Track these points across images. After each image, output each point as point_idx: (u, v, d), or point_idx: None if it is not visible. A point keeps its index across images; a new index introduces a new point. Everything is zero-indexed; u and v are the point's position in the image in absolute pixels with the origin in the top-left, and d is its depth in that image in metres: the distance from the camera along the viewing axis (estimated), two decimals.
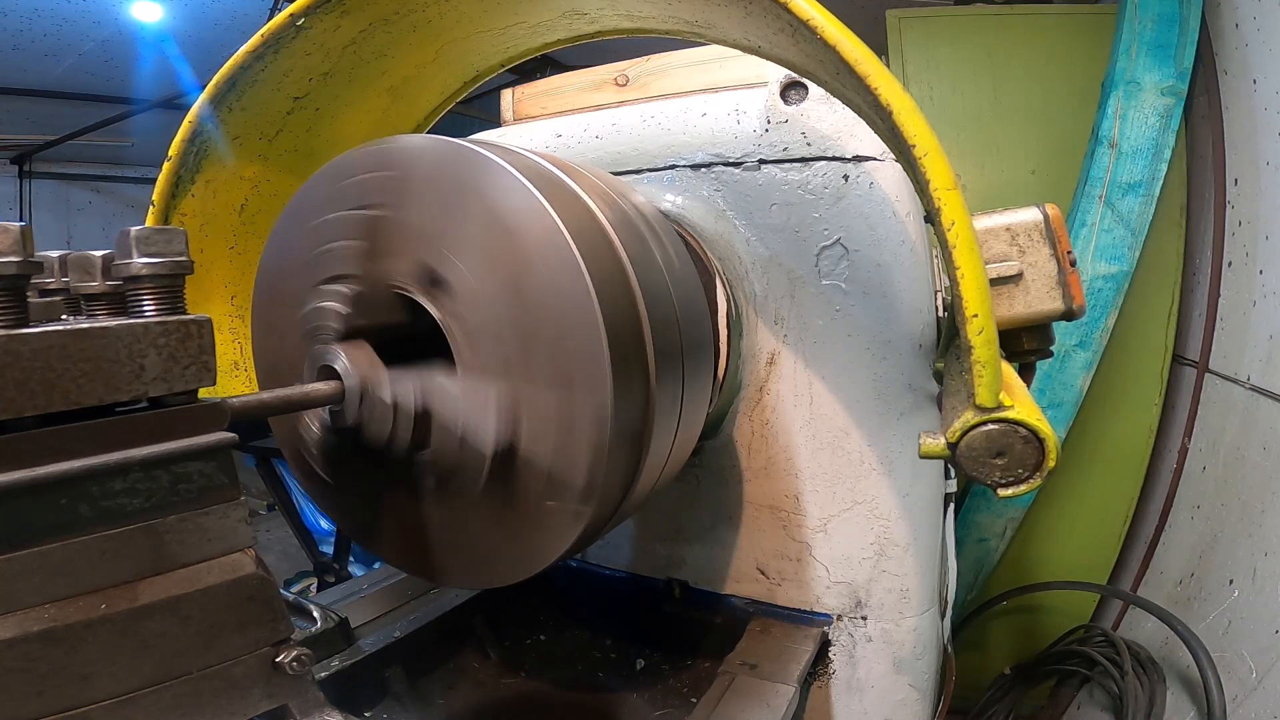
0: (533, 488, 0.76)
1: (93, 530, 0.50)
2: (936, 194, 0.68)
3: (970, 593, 2.92)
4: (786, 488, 1.27)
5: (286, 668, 0.58)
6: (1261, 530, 2.10)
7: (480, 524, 0.80)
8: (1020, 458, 0.66)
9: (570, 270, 0.69)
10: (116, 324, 0.52)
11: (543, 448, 0.75)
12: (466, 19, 1.00)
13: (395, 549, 0.89)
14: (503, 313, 0.73)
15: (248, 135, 1.04)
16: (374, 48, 1.01)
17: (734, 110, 1.26)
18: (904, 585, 1.25)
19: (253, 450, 3.61)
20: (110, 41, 5.47)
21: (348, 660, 1.18)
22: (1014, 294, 0.90)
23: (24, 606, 0.47)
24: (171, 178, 0.99)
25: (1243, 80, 2.36)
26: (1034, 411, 0.67)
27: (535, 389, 0.73)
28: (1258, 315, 2.27)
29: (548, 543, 0.78)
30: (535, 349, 0.73)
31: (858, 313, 1.20)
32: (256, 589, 0.57)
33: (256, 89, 0.98)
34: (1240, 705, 1.98)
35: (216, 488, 0.56)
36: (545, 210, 0.70)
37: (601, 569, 1.50)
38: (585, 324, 0.69)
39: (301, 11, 0.89)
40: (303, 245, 0.83)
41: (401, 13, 0.95)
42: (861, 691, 1.30)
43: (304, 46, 0.96)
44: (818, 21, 0.68)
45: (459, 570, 0.85)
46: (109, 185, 7.59)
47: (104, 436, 0.51)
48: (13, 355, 0.47)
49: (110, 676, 0.50)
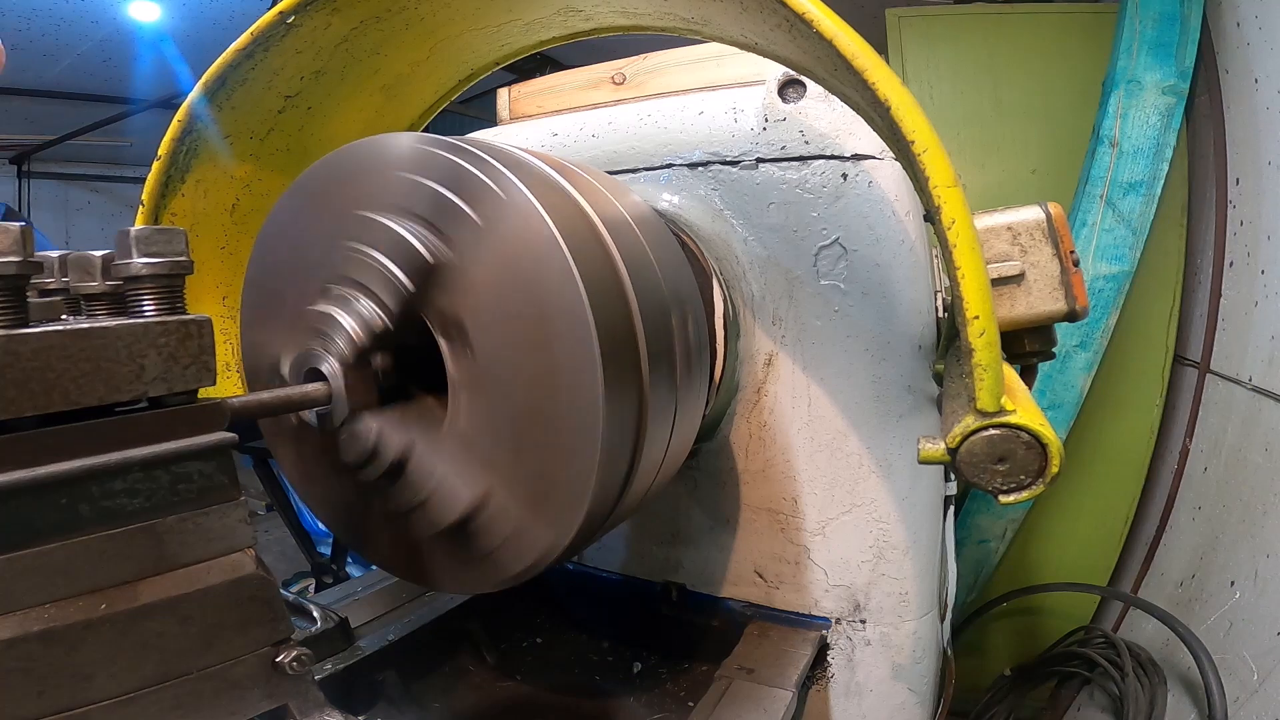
0: (495, 537, 0.76)
1: (93, 530, 0.50)
2: (936, 192, 0.66)
3: (970, 594, 2.92)
4: (784, 490, 1.26)
5: (287, 668, 0.58)
6: (1263, 532, 2.09)
7: (448, 549, 0.79)
8: (1023, 463, 0.65)
9: (574, 304, 0.67)
10: (116, 324, 0.52)
11: (511, 514, 0.74)
12: (460, 16, 0.99)
13: (380, 553, 0.88)
14: (508, 401, 0.70)
15: (239, 134, 1.02)
16: (366, 45, 1.00)
17: (731, 108, 1.25)
18: (903, 589, 1.23)
19: (250, 451, 3.59)
20: (108, 41, 5.47)
21: (341, 664, 1.17)
22: (1015, 294, 0.88)
23: (24, 606, 0.47)
24: (161, 177, 0.97)
25: (1244, 79, 2.36)
26: (1037, 416, 0.65)
27: (517, 463, 0.72)
28: (1260, 316, 2.26)
29: (516, 565, 0.77)
30: (527, 429, 0.70)
31: (857, 313, 1.19)
32: (257, 589, 0.57)
33: (247, 87, 0.96)
34: (1241, 707, 1.97)
35: (217, 488, 0.56)
36: (579, 291, 0.66)
37: (598, 572, 1.49)
38: (580, 334, 0.68)
39: (292, 9, 0.88)
40: (328, 227, 0.76)
41: (394, 10, 0.94)
42: (860, 696, 1.29)
43: (295, 44, 0.94)
44: (813, 15, 0.66)
45: (443, 577, 0.84)
46: (107, 185, 7.60)
47: (104, 437, 0.51)
48: (12, 355, 0.47)
49: (110, 676, 0.50)
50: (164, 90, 6.02)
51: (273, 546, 5.28)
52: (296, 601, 1.27)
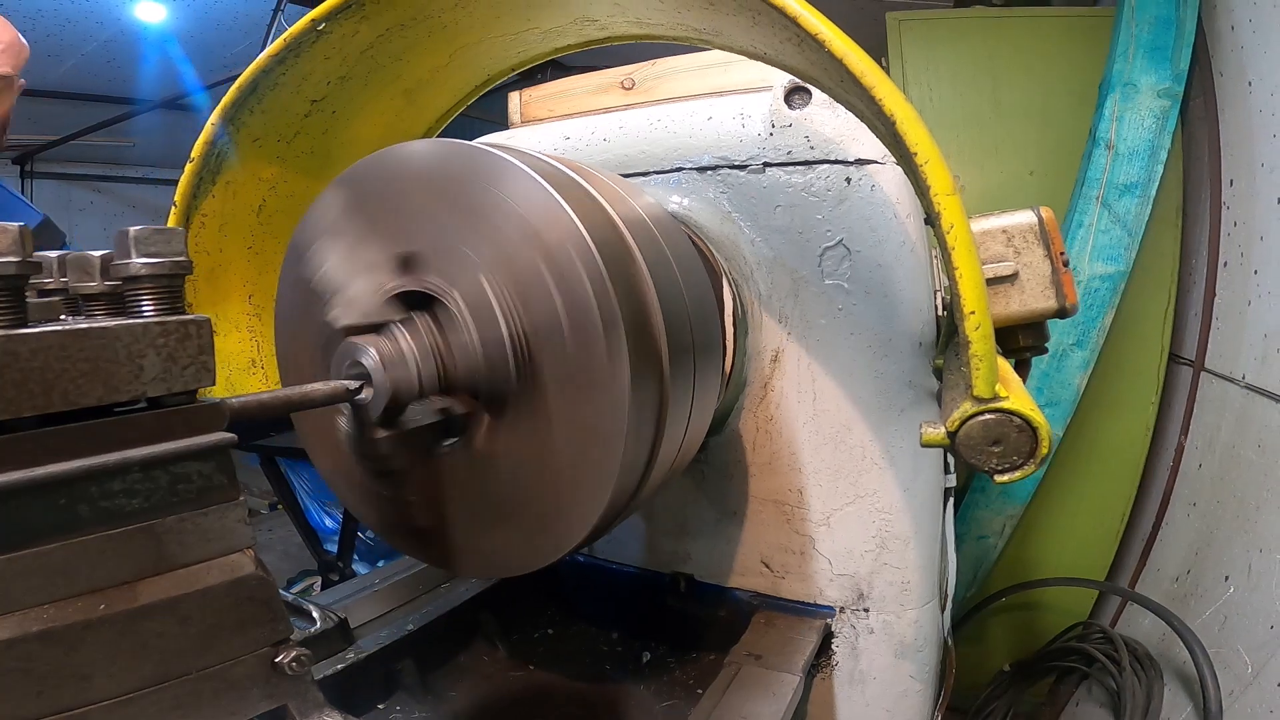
0: (520, 529, 0.81)
1: (92, 531, 0.50)
2: (937, 199, 0.71)
3: (970, 589, 2.94)
4: (790, 482, 1.30)
5: (286, 668, 0.58)
6: (1256, 527, 2.12)
7: (472, 537, 0.83)
8: (1015, 445, 0.70)
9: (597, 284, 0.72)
10: (115, 324, 0.51)
11: (535, 507, 0.79)
12: (481, 24, 1.03)
13: (404, 539, 0.91)
14: (541, 406, 0.76)
15: (267, 137, 1.06)
16: (390, 52, 1.04)
17: (739, 114, 1.29)
18: (905, 578, 1.27)
19: (258, 449, 3.62)
20: (113, 42, 5.48)
21: (362, 654, 1.20)
22: (1010, 293, 0.94)
23: (23, 607, 0.47)
24: (193, 179, 1.01)
25: (1238, 82, 2.39)
26: (1028, 402, 0.71)
27: (546, 461, 0.77)
28: (1253, 315, 2.29)
29: (555, 543, 0.82)
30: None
31: (860, 312, 1.23)
32: (256, 589, 0.57)
33: (277, 92, 1.00)
34: (1236, 700, 1.99)
35: (216, 488, 0.56)
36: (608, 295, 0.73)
37: (609, 564, 1.52)
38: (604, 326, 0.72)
39: (323, 16, 0.92)
40: (371, 220, 0.82)
41: (419, 18, 0.98)
42: (864, 683, 1.32)
43: (323, 50, 0.98)
44: (825, 36, 0.70)
45: (467, 563, 0.88)
46: (110, 185, 7.60)
47: (103, 437, 0.51)
48: (11, 355, 0.46)
49: (109, 677, 0.50)
50: (168, 91, 6.05)
51: (276, 545, 5.29)
52: (295, 602, 1.28)
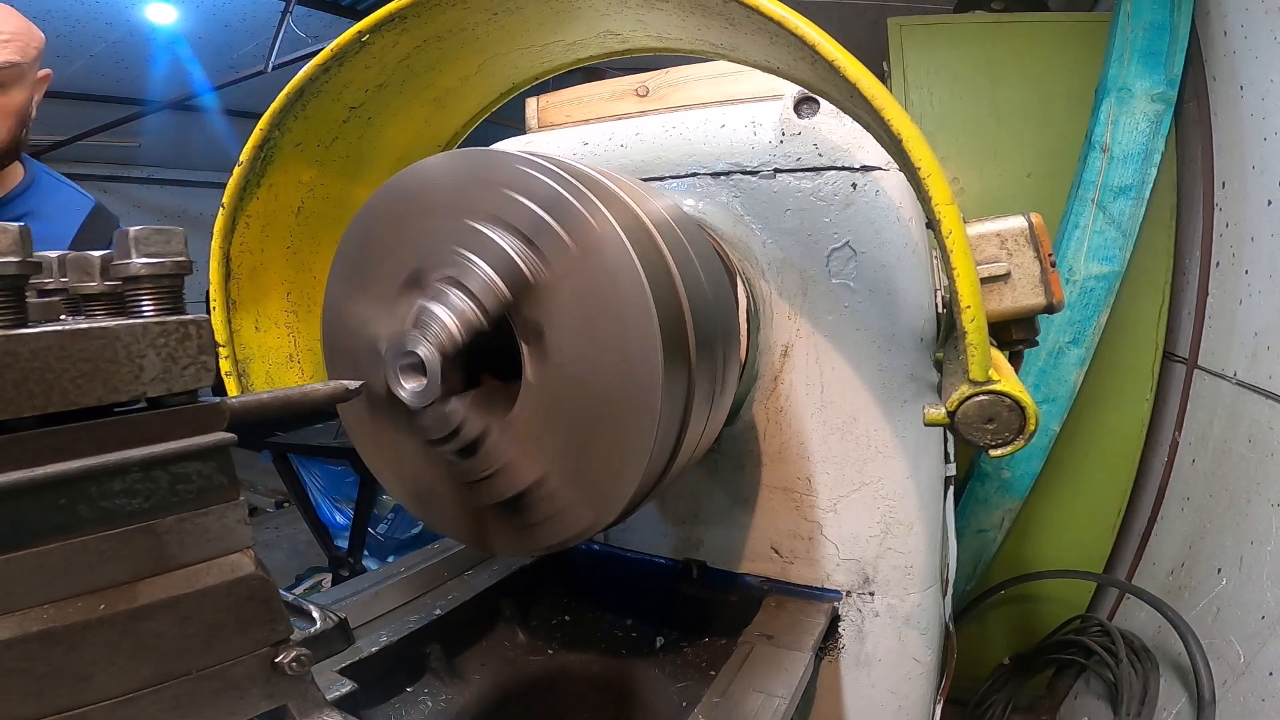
0: (548, 511, 0.87)
1: (91, 531, 0.50)
2: (937, 208, 0.79)
3: (970, 583, 2.99)
4: (799, 471, 1.36)
5: (286, 668, 0.58)
6: (1248, 520, 2.17)
7: (504, 517, 0.90)
8: (1007, 423, 0.79)
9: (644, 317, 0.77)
10: (115, 324, 0.51)
11: (563, 493, 0.85)
12: (511, 36, 1.09)
13: (443, 519, 0.98)
14: (573, 397, 0.81)
15: (308, 141, 1.12)
16: (425, 61, 1.10)
17: (750, 122, 1.35)
18: (909, 562, 1.33)
19: (270, 447, 3.68)
20: (122, 43, 5.52)
21: (394, 636, 1.25)
22: (1003, 291, 1.02)
23: (22, 607, 0.47)
24: (241, 181, 1.07)
25: (1230, 86, 2.45)
26: (1017, 386, 0.80)
27: (576, 451, 0.83)
28: (1244, 313, 2.35)
29: (562, 534, 0.88)
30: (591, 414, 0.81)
31: (865, 309, 1.29)
32: (256, 589, 0.57)
33: (320, 99, 1.06)
34: (1229, 689, 2.05)
35: (216, 488, 0.56)
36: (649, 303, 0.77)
37: (624, 552, 1.58)
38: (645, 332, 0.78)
39: (369, 28, 0.98)
40: (435, 226, 0.85)
41: (454, 30, 1.04)
42: (870, 665, 1.38)
43: (364, 60, 1.04)
44: (842, 63, 0.77)
45: (497, 542, 0.94)
46: (117, 185, 7.65)
47: (102, 437, 0.51)
48: (11, 355, 0.46)
49: (109, 677, 0.50)
50: (176, 92, 6.10)
51: (282, 543, 5.33)
52: (295, 602, 1.31)
